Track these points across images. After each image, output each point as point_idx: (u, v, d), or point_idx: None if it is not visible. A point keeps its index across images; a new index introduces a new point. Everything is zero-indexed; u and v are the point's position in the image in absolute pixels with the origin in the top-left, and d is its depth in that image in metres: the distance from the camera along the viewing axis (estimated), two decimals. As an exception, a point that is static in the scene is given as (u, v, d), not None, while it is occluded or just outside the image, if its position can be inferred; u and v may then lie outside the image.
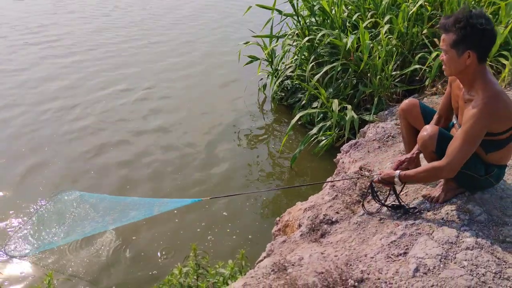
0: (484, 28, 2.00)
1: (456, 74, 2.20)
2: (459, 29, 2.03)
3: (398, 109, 2.80)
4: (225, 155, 4.94)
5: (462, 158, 2.12)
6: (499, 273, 1.90)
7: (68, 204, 3.77)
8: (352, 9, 5.66)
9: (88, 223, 3.38)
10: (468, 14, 2.02)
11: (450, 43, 2.08)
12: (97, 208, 3.56)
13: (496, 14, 4.71)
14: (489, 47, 2.11)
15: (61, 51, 8.21)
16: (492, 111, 2.05)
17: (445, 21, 2.11)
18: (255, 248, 3.34)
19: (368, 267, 2.05)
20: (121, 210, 3.37)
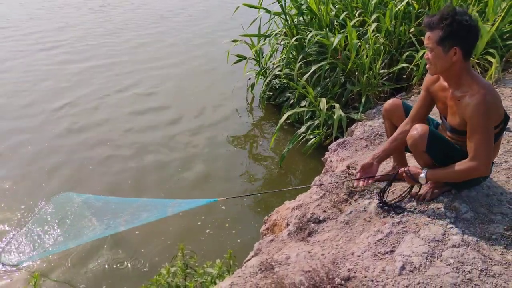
0: (470, 24, 2.02)
1: (441, 72, 2.19)
2: (445, 26, 2.04)
3: (382, 110, 2.79)
4: (213, 155, 4.91)
5: (488, 151, 2.11)
6: (485, 270, 1.91)
7: (66, 208, 3.69)
8: (340, 7, 5.67)
9: (96, 227, 3.28)
10: (453, 12, 2.03)
11: (437, 40, 2.09)
12: (104, 211, 3.45)
13: (483, 12, 4.74)
14: (474, 44, 2.13)
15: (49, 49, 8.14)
16: (491, 101, 2.06)
17: (430, 19, 2.11)
18: (243, 247, 3.32)
19: (355, 265, 2.05)
20: (132, 212, 3.26)
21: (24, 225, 3.59)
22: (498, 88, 4.13)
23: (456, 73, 2.14)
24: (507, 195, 2.45)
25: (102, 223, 3.27)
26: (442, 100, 2.33)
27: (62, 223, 3.52)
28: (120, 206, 3.41)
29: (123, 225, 3.15)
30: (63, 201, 3.79)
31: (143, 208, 3.22)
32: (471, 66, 2.17)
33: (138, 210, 3.20)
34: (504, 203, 2.39)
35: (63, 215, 3.60)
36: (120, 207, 3.38)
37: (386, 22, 4.80)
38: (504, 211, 2.31)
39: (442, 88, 2.29)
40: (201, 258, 2.76)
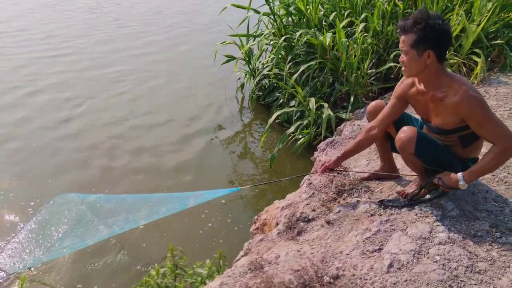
0: (442, 28, 2.05)
1: (416, 74, 2.22)
2: (419, 29, 2.07)
3: (366, 112, 2.82)
4: (203, 155, 4.91)
5: (506, 129, 2.07)
6: (471, 266, 1.94)
7: (72, 209, 3.56)
8: (328, 8, 5.70)
9: (113, 222, 3.13)
10: (427, 15, 2.06)
11: (410, 43, 2.12)
12: (116, 209, 3.32)
13: (469, 13, 4.80)
14: (447, 47, 2.17)
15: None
16: (475, 93, 2.09)
17: (403, 22, 2.14)
18: (233, 247, 3.33)
19: (343, 263, 2.07)
20: (150, 206, 3.14)
21: (26, 228, 3.53)
22: (483, 88, 4.20)
23: (431, 75, 2.17)
24: (492, 193, 2.49)
25: (115, 222, 3.14)
26: (422, 104, 2.34)
27: (75, 224, 3.37)
28: (136, 203, 3.31)
29: (144, 218, 3.04)
30: (66, 202, 3.68)
31: (160, 203, 3.12)
32: (445, 67, 2.20)
33: (155, 205, 3.10)
34: (489, 200, 2.43)
35: (72, 217, 3.46)
36: (137, 204, 3.28)
37: (374, 22, 4.84)
38: (489, 208, 2.35)
39: (420, 92, 2.30)
40: (190, 258, 2.77)
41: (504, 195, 2.47)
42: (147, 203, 3.17)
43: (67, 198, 3.67)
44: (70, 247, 3.07)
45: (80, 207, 3.44)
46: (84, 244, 3.06)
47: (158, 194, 3.38)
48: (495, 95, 3.99)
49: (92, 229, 3.07)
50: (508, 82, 4.26)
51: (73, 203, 3.56)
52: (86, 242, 3.02)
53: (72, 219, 3.35)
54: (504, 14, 4.79)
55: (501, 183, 2.60)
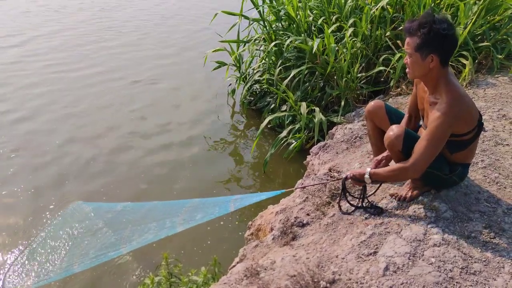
0: (447, 33, 2.06)
1: (419, 77, 2.25)
2: (423, 33, 2.08)
3: (364, 111, 2.84)
4: (195, 161, 4.90)
5: (427, 159, 2.17)
6: (466, 268, 1.95)
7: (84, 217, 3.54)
8: (317, 13, 5.74)
9: (147, 229, 3.00)
10: (432, 19, 2.07)
11: (415, 46, 2.14)
12: (147, 216, 3.24)
13: (455, 16, 4.86)
14: (451, 51, 2.18)
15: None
16: (456, 114, 2.11)
17: (409, 25, 2.16)
18: (228, 254, 3.33)
19: (339, 268, 2.07)
20: (188, 211, 3.04)
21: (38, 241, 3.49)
22: (471, 89, 4.24)
23: (433, 78, 2.20)
24: (484, 194, 2.52)
25: (149, 229, 3.02)
26: (421, 100, 2.41)
27: (102, 233, 3.29)
28: (171, 209, 3.20)
29: (182, 224, 2.89)
30: (86, 212, 3.66)
31: (196, 208, 3.04)
32: (449, 72, 2.21)
33: (192, 211, 3.01)
34: (482, 201, 2.45)
35: (96, 226, 3.38)
36: (172, 210, 3.17)
37: (363, 26, 4.88)
38: (482, 209, 2.37)
39: (423, 89, 2.36)
40: (185, 265, 2.76)
41: (496, 196, 2.50)
42: (182, 208, 3.07)
43: (83, 207, 3.61)
44: (104, 255, 2.95)
45: (107, 216, 3.38)
46: (119, 252, 2.95)
47: (194, 200, 3.27)
48: (483, 97, 4.04)
49: (125, 237, 2.98)
50: (496, 84, 4.31)
51: (96, 212, 3.51)
52: (120, 250, 2.92)
53: (96, 228, 3.28)
54: (490, 17, 4.85)
55: (493, 184, 2.62)
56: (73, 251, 3.14)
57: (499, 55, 4.68)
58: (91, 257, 2.93)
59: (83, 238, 3.23)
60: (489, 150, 3.02)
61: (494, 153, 2.99)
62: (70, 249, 3.18)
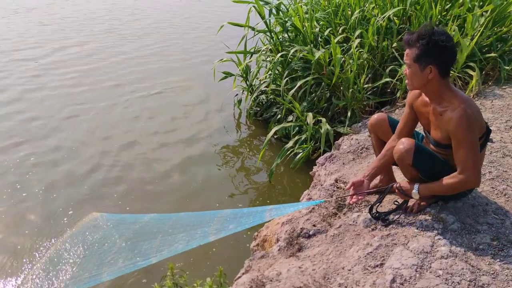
0: (445, 44, 2.08)
1: (419, 88, 2.26)
2: (422, 45, 2.11)
3: (368, 124, 2.84)
4: (201, 171, 4.90)
5: (476, 163, 2.15)
6: (474, 280, 1.93)
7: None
8: (324, 24, 5.77)
9: (176, 240, 2.91)
10: (431, 31, 2.10)
11: (413, 57, 2.16)
12: (176, 226, 3.11)
13: (462, 27, 4.87)
14: (450, 63, 2.19)
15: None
16: (472, 114, 2.11)
17: (409, 36, 2.18)
18: (234, 264, 3.30)
19: (345, 279, 2.06)
20: (220, 221, 2.93)
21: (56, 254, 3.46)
22: (479, 101, 4.23)
23: (434, 89, 2.20)
24: (492, 205, 2.49)
25: (178, 239, 2.91)
26: (424, 115, 2.38)
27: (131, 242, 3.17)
28: (202, 219, 3.08)
29: (214, 233, 2.81)
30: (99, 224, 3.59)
31: (225, 219, 2.92)
32: (449, 82, 2.22)
33: (224, 221, 2.89)
34: (490, 213, 2.43)
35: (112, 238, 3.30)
36: (202, 220, 3.06)
37: (369, 37, 4.89)
38: (490, 221, 2.35)
39: (424, 103, 2.34)
40: (191, 276, 2.74)
41: (504, 208, 2.48)
42: (214, 219, 2.99)
43: (107, 218, 3.57)
44: (134, 264, 2.85)
45: (135, 226, 3.31)
46: (149, 261, 2.82)
47: (225, 210, 3.19)
48: (491, 108, 4.02)
49: (155, 247, 2.90)
50: (503, 95, 4.30)
51: (122, 223, 3.46)
52: (150, 259, 2.81)
53: (124, 238, 3.19)
54: (497, 28, 4.85)
55: (501, 196, 2.60)
56: (102, 259, 3.10)
57: (506, 66, 4.67)
58: (120, 266, 2.87)
59: (112, 247, 3.15)
60: (496, 162, 3.00)
61: (502, 164, 2.97)
62: (99, 258, 3.12)
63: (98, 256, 3.11)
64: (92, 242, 3.32)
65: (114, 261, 2.95)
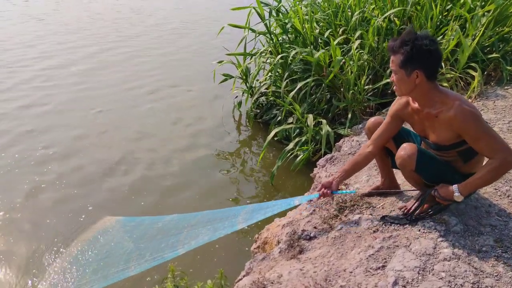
0: (429, 49, 2.06)
1: (407, 93, 2.24)
2: (405, 50, 2.09)
3: (364, 128, 2.81)
4: (202, 173, 4.88)
5: (503, 142, 2.07)
6: (477, 283, 1.90)
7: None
8: (324, 25, 5.75)
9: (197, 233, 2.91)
10: (414, 36, 2.08)
11: (399, 63, 2.14)
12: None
13: (463, 27, 4.85)
14: (436, 66, 2.17)
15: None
16: (469, 107, 2.09)
17: (392, 43, 2.17)
18: (234, 267, 3.28)
19: (347, 282, 2.03)
20: (247, 212, 2.93)
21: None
22: (481, 101, 4.21)
23: (423, 93, 2.19)
24: (495, 207, 2.47)
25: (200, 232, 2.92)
26: (418, 122, 2.34)
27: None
28: (224, 215, 3.04)
29: (242, 222, 2.82)
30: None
31: (251, 211, 2.92)
32: (437, 84, 2.20)
33: (248, 212, 2.90)
34: (493, 214, 2.40)
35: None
36: (228, 215, 3.02)
37: (370, 38, 4.87)
38: (493, 223, 2.33)
39: (415, 111, 2.31)
40: (192, 279, 2.72)
41: (508, 209, 2.45)
42: (240, 212, 2.98)
43: (126, 221, 3.56)
44: (161, 256, 2.84)
45: (157, 225, 3.29)
46: (176, 253, 2.80)
47: (248, 206, 3.11)
48: (493, 109, 4.00)
49: (182, 240, 2.90)
50: (505, 95, 4.27)
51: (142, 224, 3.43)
52: (177, 251, 2.80)
53: (149, 235, 3.18)
54: (499, 28, 4.83)
55: (504, 197, 2.57)
56: (130, 255, 3.06)
57: (508, 66, 4.64)
58: (147, 259, 2.84)
59: (138, 243, 3.11)
60: (499, 163, 2.97)
61: (504, 165, 2.94)
62: (126, 253, 3.08)
63: (124, 252, 3.05)
64: (113, 242, 3.30)
65: (141, 256, 2.91)
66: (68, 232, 3.81)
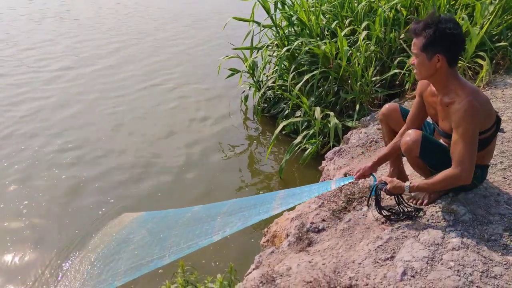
0: (452, 32, 2.04)
1: (427, 77, 2.22)
2: (428, 33, 2.07)
3: (379, 114, 2.81)
4: (210, 167, 4.92)
5: (472, 160, 2.10)
6: (486, 271, 1.90)
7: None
8: (330, 17, 5.73)
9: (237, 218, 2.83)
10: (437, 19, 2.06)
11: (420, 47, 2.12)
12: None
13: (471, 16, 4.79)
14: (458, 51, 2.15)
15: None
16: (478, 107, 2.07)
17: (415, 25, 2.15)
18: (244, 261, 3.30)
19: (356, 273, 2.04)
20: (283, 197, 2.84)
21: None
22: (489, 90, 4.17)
23: (442, 79, 2.16)
24: (504, 196, 2.46)
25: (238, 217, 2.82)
26: (432, 105, 2.35)
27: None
28: (258, 201, 2.94)
29: (277, 208, 2.70)
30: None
31: (287, 195, 2.83)
32: (457, 72, 2.18)
33: (285, 197, 2.80)
34: (502, 203, 2.39)
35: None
36: (263, 200, 2.92)
37: (376, 29, 4.84)
38: (502, 212, 2.32)
39: (432, 93, 2.31)
40: (201, 273, 2.74)
41: (517, 198, 2.44)
42: (275, 196, 2.91)
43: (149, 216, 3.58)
44: (196, 243, 2.75)
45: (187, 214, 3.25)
46: (210, 240, 2.75)
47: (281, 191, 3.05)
48: (501, 97, 3.96)
49: (217, 227, 2.86)
50: (514, 84, 4.23)
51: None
52: (212, 238, 2.75)
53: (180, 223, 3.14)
54: (507, 16, 4.78)
55: (513, 186, 2.56)
56: (163, 243, 3.06)
57: (516, 55, 4.60)
58: (182, 247, 2.79)
59: (171, 232, 3.08)
60: (508, 152, 2.96)
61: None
62: (160, 242, 3.04)
63: (158, 241, 3.04)
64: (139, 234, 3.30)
65: (175, 243, 2.87)
66: (90, 227, 3.88)
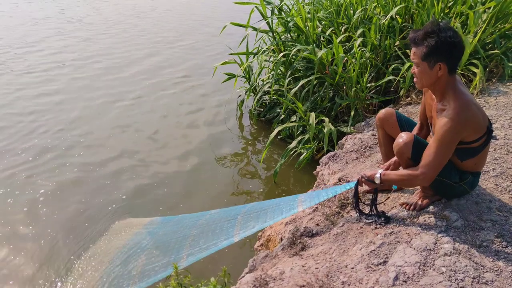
0: (453, 41, 2.06)
1: (428, 86, 2.24)
2: (430, 43, 2.08)
3: (375, 119, 2.84)
4: (205, 172, 4.92)
5: (436, 167, 2.16)
6: (477, 277, 1.92)
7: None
8: (326, 24, 5.77)
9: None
10: (437, 28, 2.07)
11: (421, 56, 2.13)
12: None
13: (465, 25, 4.85)
14: (459, 58, 2.17)
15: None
16: (463, 120, 2.10)
17: (414, 34, 2.16)
18: (238, 264, 3.31)
19: (348, 277, 2.05)
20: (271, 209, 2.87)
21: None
22: (483, 98, 4.21)
23: (442, 86, 2.19)
24: (496, 202, 2.48)
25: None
26: (429, 108, 2.41)
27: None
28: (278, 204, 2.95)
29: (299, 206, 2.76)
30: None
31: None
32: (457, 79, 2.21)
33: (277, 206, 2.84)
34: (494, 210, 2.42)
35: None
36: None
37: (372, 36, 4.89)
38: (494, 218, 2.34)
39: (431, 97, 2.36)
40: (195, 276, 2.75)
41: (508, 204, 2.46)
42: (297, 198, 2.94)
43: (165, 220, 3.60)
44: (215, 244, 2.82)
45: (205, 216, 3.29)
46: (231, 241, 2.78)
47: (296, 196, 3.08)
48: (494, 105, 4.00)
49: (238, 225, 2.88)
50: (507, 92, 4.28)
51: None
52: (232, 239, 2.78)
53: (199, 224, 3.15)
54: (500, 25, 4.83)
55: (505, 192, 2.59)
56: (181, 243, 3.02)
57: (510, 63, 4.64)
58: (202, 246, 2.85)
59: (189, 231, 3.12)
60: (500, 159, 2.99)
61: (506, 161, 2.95)
62: (177, 243, 3.07)
63: (176, 241, 3.08)
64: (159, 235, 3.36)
65: (195, 242, 2.93)
66: (96, 231, 3.92)
